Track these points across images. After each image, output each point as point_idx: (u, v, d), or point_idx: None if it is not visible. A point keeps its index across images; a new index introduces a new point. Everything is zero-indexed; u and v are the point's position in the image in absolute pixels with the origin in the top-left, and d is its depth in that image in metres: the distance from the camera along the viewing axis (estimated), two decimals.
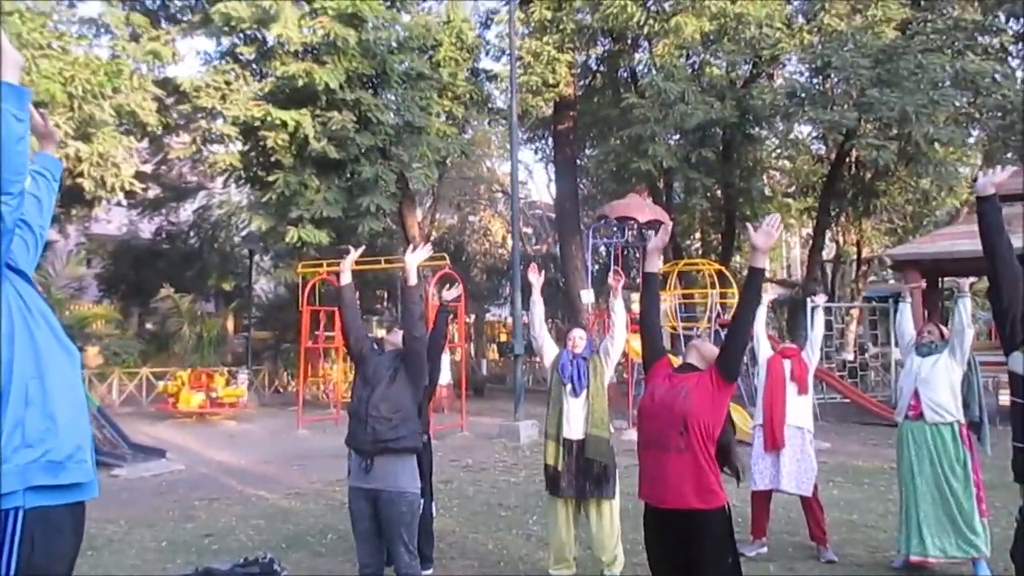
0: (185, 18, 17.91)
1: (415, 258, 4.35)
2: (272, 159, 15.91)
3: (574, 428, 5.35)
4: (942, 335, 5.83)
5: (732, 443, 3.28)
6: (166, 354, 19.54)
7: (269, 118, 15.22)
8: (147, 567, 5.98)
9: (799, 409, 6.25)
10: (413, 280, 4.33)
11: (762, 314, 7.07)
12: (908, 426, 5.70)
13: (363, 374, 4.37)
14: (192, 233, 26.01)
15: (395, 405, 4.21)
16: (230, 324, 26.50)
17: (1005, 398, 6.53)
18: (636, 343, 6.28)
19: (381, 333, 27.62)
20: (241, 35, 16.63)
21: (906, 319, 6.15)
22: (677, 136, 17.34)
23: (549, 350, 5.65)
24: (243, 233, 25.62)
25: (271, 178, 15.90)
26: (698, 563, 3.18)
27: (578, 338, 5.56)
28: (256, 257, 23.28)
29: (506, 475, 10.07)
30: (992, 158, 21.20)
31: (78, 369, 2.50)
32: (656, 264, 3.60)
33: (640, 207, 15.85)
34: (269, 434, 14.29)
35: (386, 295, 28.23)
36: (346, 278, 4.68)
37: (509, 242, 38.46)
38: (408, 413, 4.28)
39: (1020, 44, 18.48)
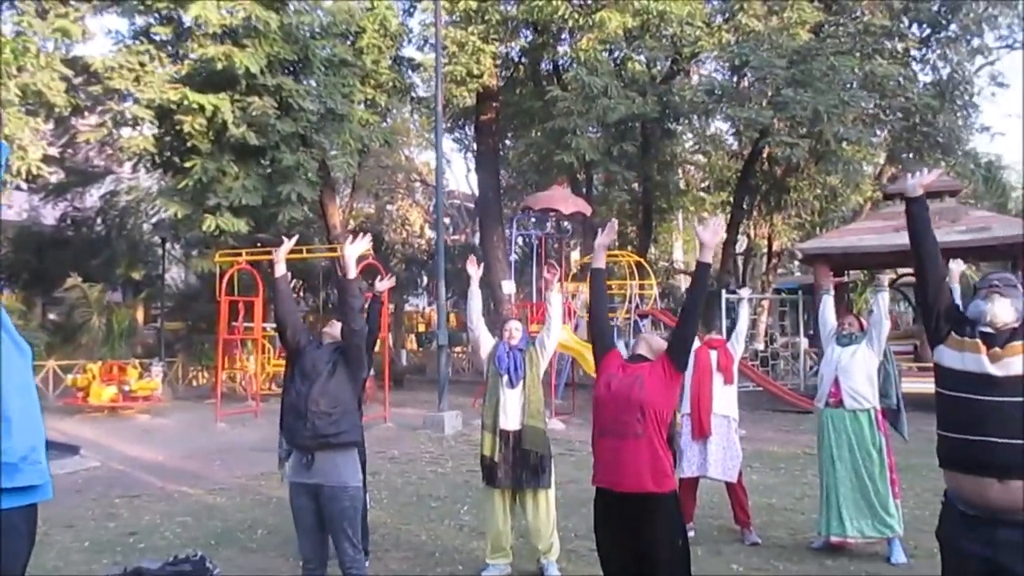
0: None
1: (354, 250, 4.27)
2: (188, 144, 15.38)
3: (511, 419, 5.41)
4: (861, 326, 6.09)
5: (675, 430, 3.40)
6: (73, 346, 18.74)
7: (186, 102, 14.71)
8: (71, 568, 5.77)
9: (725, 398, 6.46)
10: (352, 272, 4.26)
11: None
12: (828, 413, 5.95)
13: (301, 368, 4.27)
14: (99, 220, 24.95)
15: (335, 399, 4.16)
16: (140, 315, 25.63)
17: (908, 386, 6.91)
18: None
19: None
20: (156, 15, 16.02)
21: (828, 310, 6.41)
22: (599, 129, 17.55)
23: (486, 341, 5.68)
24: (153, 220, 24.79)
25: (188, 164, 15.39)
26: (651, 544, 3.29)
27: (514, 330, 5.62)
28: (168, 245, 22.56)
29: (433, 466, 10.06)
30: (895, 157, 22.27)
31: (30, 367, 2.42)
32: (603, 260, 3.70)
33: (563, 199, 16.01)
34: (186, 428, 13.89)
35: (302, 285, 27.72)
36: (280, 269, 4.59)
37: (428, 232, 38.42)
38: (348, 407, 4.24)
39: (923, 49, 19.41)
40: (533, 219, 17.49)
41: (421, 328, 35.51)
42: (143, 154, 16.31)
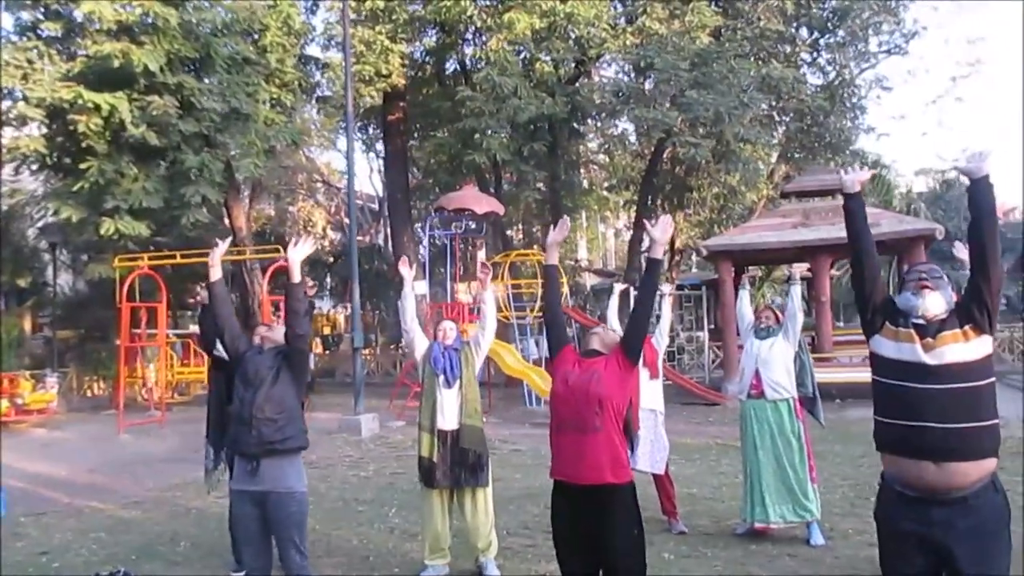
0: None
1: (298, 253, 4.22)
2: (83, 145, 14.68)
3: (448, 419, 5.42)
4: (777, 319, 6.35)
5: (630, 421, 3.50)
6: None
7: (80, 100, 14.03)
8: None
9: (651, 393, 6.63)
10: (297, 277, 4.20)
11: (615, 303, 7.45)
12: (750, 404, 6.18)
13: (243, 374, 4.19)
14: None
15: (279, 405, 4.10)
16: (27, 324, 24.34)
17: (820, 376, 7.28)
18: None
19: (194, 328, 26.37)
20: (44, 9, 15.22)
21: (745, 305, 6.67)
22: (509, 129, 17.68)
23: (420, 343, 5.68)
24: (40, 224, 23.56)
25: (83, 165, 14.67)
26: (609, 534, 3.38)
27: (448, 330, 5.64)
28: (56, 251, 21.49)
29: (355, 470, 9.96)
30: (787, 157, 23.26)
31: None
32: (555, 257, 3.77)
33: (476, 199, 16.08)
34: (88, 441, 13.30)
35: (198, 288, 26.86)
36: (216, 273, 4.48)
37: (330, 233, 37.83)
38: (293, 413, 4.18)
39: (814, 53, 20.33)
40: (446, 219, 17.46)
41: (327, 331, 34.97)
42: (32, 155, 15.47)
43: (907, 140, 68.15)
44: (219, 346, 4.94)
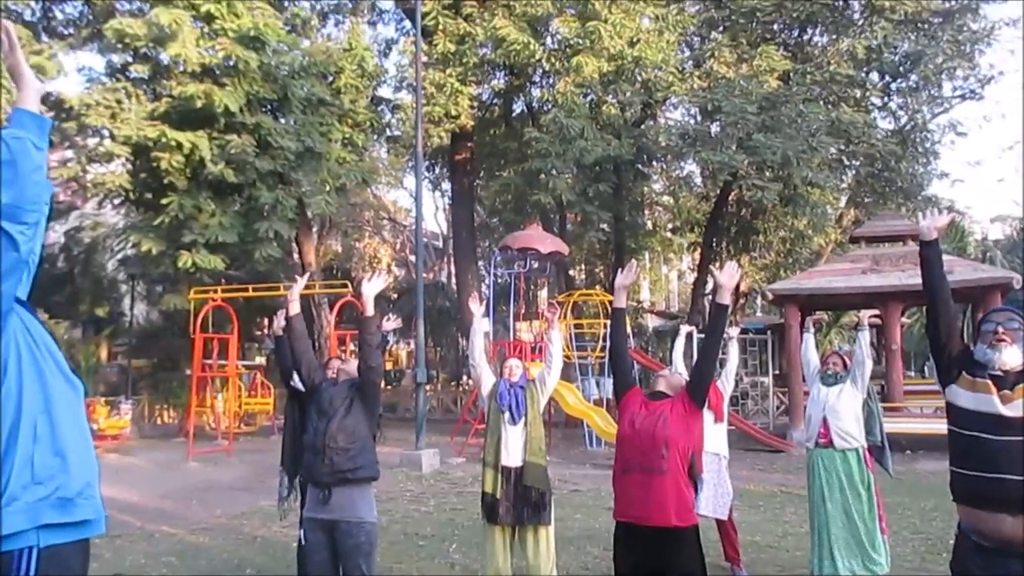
0: (69, 32, 17.17)
1: (372, 288, 4.34)
2: (164, 181, 15.36)
3: (512, 456, 5.44)
4: (844, 365, 6.24)
5: (694, 464, 3.51)
6: None
7: (164, 139, 14.71)
8: None
9: (715, 437, 6.54)
10: (371, 311, 4.32)
11: (680, 346, 7.41)
12: (818, 453, 6.05)
13: (318, 405, 4.32)
14: (62, 256, 24.57)
15: (352, 435, 4.22)
16: (103, 352, 25.23)
17: (889, 426, 7.13)
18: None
19: (259, 360, 26.92)
20: (133, 53, 16.05)
21: (810, 350, 6.57)
22: (575, 170, 17.84)
23: (487, 379, 5.74)
24: (119, 256, 24.49)
25: (164, 200, 15.33)
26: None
27: (514, 367, 5.69)
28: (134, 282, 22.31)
29: (416, 504, 10.02)
30: (856, 201, 22.91)
31: (83, 403, 2.45)
32: (623, 300, 3.82)
33: (541, 238, 16.20)
34: (157, 467, 13.67)
35: (266, 322, 27.51)
36: (295, 308, 4.65)
37: (395, 269, 38.43)
38: (365, 443, 4.30)
39: (884, 97, 20.09)
40: (510, 258, 17.61)
41: (389, 366, 35.34)
42: (116, 190, 16.21)
43: (983, 186, 66.36)
44: (295, 378, 5.09)
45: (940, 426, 3.14)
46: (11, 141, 2.12)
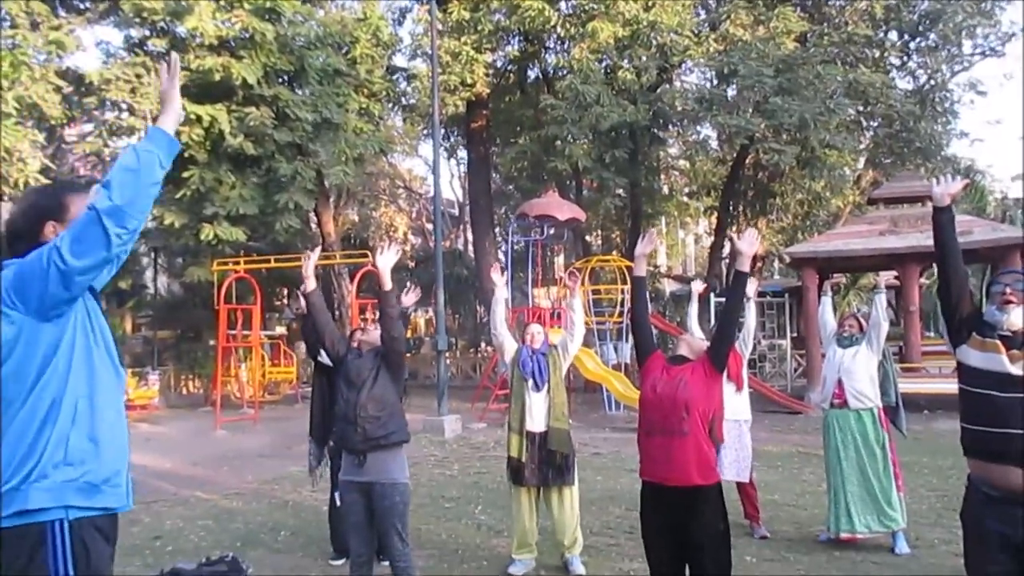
0: (86, 7, 17.24)
1: (387, 261, 4.42)
2: (185, 154, 15.49)
3: (536, 421, 5.63)
4: (860, 327, 6.34)
5: (714, 425, 3.65)
6: None
7: (183, 112, 14.80)
8: None
9: (736, 404, 6.65)
10: (388, 284, 4.43)
11: (694, 311, 7.49)
12: (833, 414, 6.19)
13: (345, 376, 4.47)
14: None
15: (381, 403, 4.38)
16: (128, 324, 25.62)
17: (907, 386, 7.24)
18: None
19: (280, 330, 27.25)
20: (151, 27, 16.13)
21: (828, 312, 6.66)
22: (591, 136, 17.83)
23: (509, 346, 5.90)
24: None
25: (185, 174, 15.50)
26: (696, 529, 3.55)
27: (536, 334, 5.85)
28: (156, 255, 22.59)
29: (440, 468, 10.25)
30: (875, 163, 22.75)
31: (123, 391, 2.54)
32: (643, 268, 3.94)
33: (559, 205, 16.26)
34: (186, 436, 14.01)
35: (286, 292, 27.79)
36: (311, 284, 4.74)
37: (411, 238, 38.57)
38: (394, 408, 4.47)
39: (904, 57, 19.86)
40: (527, 225, 17.69)
41: (408, 334, 35.61)
42: None
43: (1003, 145, 65.35)
44: (322, 354, 5.23)
45: (957, 386, 3.27)
46: (143, 153, 2.28)
